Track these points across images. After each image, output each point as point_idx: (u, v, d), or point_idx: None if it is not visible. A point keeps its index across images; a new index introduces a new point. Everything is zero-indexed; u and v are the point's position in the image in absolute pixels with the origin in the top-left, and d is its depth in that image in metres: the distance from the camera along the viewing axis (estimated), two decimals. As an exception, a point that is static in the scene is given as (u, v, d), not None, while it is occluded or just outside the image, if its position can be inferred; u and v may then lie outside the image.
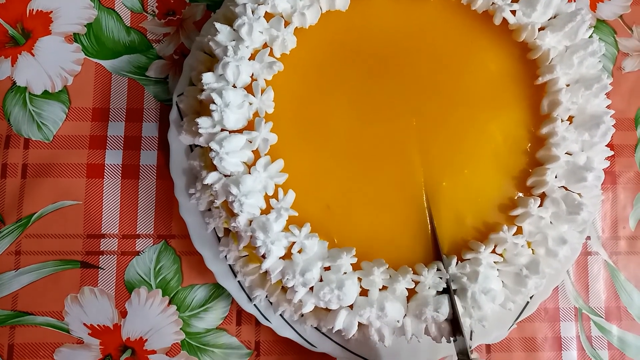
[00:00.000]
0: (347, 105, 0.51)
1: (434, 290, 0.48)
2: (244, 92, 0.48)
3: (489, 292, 0.47)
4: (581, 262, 0.60)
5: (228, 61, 0.48)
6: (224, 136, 0.47)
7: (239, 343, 0.56)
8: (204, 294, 0.57)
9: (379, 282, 0.47)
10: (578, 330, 0.58)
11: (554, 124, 0.49)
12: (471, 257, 0.48)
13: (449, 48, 0.53)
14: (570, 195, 0.48)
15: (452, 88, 0.52)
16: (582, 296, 0.59)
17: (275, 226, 0.46)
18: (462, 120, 0.52)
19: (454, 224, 0.50)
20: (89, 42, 0.60)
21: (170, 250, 0.57)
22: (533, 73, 0.52)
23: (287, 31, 0.50)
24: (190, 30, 0.61)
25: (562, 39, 0.51)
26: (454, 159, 0.51)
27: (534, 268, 0.47)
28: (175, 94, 0.55)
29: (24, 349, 0.55)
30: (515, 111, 0.52)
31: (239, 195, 0.46)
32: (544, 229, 0.48)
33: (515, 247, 0.48)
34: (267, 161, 0.48)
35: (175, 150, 0.55)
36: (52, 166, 0.57)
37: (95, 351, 0.55)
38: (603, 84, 0.49)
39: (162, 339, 0.56)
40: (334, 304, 0.46)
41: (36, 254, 0.56)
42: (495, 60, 0.53)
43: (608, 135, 0.49)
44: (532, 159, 0.51)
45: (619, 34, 0.64)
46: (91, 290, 0.56)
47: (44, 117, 0.58)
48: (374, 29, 0.53)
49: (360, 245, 0.48)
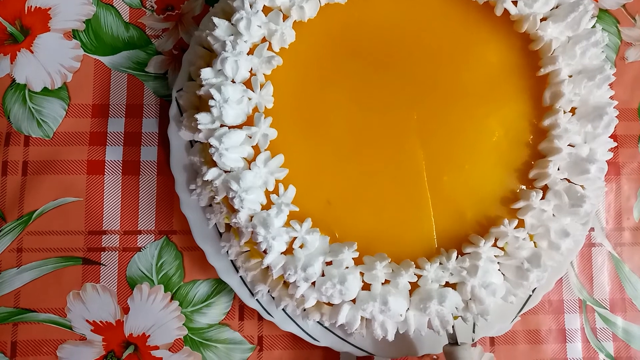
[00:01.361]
0: (347, 99, 0.51)
1: (437, 284, 0.47)
2: (243, 88, 0.48)
3: (489, 286, 0.46)
4: (585, 254, 0.59)
5: (226, 56, 0.47)
6: (224, 132, 0.47)
7: (242, 338, 0.56)
8: (206, 290, 0.57)
9: (382, 276, 0.47)
10: (582, 322, 0.58)
11: (556, 116, 0.48)
12: (471, 251, 0.48)
13: (450, 40, 0.52)
14: (573, 187, 0.48)
15: (453, 81, 0.52)
16: (586, 288, 0.59)
17: (276, 221, 0.46)
18: (463, 113, 0.51)
19: (455, 218, 0.50)
20: (87, 39, 0.60)
21: (172, 246, 0.57)
22: (535, 64, 0.51)
23: (285, 25, 0.49)
24: (189, 25, 0.60)
25: (565, 30, 0.50)
26: (455, 152, 0.51)
27: (535, 261, 0.47)
28: (175, 90, 0.55)
29: (27, 346, 0.55)
30: (517, 103, 0.51)
31: (239, 191, 0.46)
32: (546, 221, 0.48)
33: (516, 240, 0.47)
34: (267, 156, 0.48)
35: (175, 146, 0.55)
36: (52, 163, 0.57)
37: (98, 347, 0.55)
38: (606, 74, 0.49)
39: (165, 334, 0.56)
40: (337, 298, 0.46)
41: (38, 251, 0.56)
42: (497, 52, 0.52)
43: (611, 127, 0.48)
44: (534, 152, 0.50)
45: (622, 24, 0.63)
46: (93, 287, 0.56)
47: (44, 114, 0.58)
48: (374, 21, 0.52)
49: (361, 240, 0.48)
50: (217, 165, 0.47)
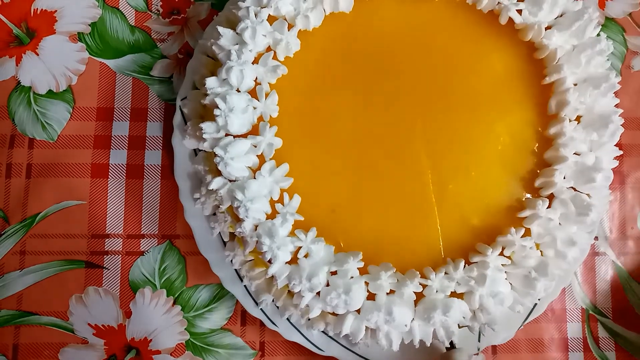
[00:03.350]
0: (352, 108, 0.51)
1: (442, 294, 0.47)
2: (248, 97, 0.48)
3: (497, 295, 0.46)
4: (589, 263, 0.59)
5: (232, 65, 0.47)
6: (229, 141, 0.47)
7: (244, 343, 0.56)
8: (208, 294, 0.56)
9: (386, 286, 0.46)
10: (585, 332, 0.58)
11: (562, 124, 0.48)
12: (478, 260, 0.47)
13: (454, 48, 0.52)
14: (579, 196, 0.48)
15: (457, 89, 0.52)
16: (589, 297, 0.59)
17: (281, 231, 0.46)
18: (468, 121, 0.51)
19: (461, 227, 0.49)
20: (93, 42, 0.60)
21: (175, 251, 0.57)
22: (540, 73, 0.51)
23: (290, 34, 0.49)
24: (195, 29, 0.60)
25: (569, 38, 0.50)
26: (461, 161, 0.50)
27: (542, 270, 0.47)
28: (179, 98, 0.55)
29: (28, 349, 0.55)
30: (522, 112, 0.51)
31: (244, 200, 0.46)
32: (553, 230, 0.48)
33: (523, 249, 0.47)
34: (272, 166, 0.48)
35: (179, 155, 0.54)
36: (56, 166, 0.57)
37: (100, 351, 0.55)
38: (611, 82, 0.49)
39: (167, 339, 0.56)
40: (341, 308, 0.46)
41: (41, 254, 0.56)
42: (502, 60, 0.52)
43: (617, 135, 0.48)
44: (540, 160, 0.50)
45: (628, 32, 0.63)
46: (96, 291, 0.56)
47: (49, 117, 0.58)
48: (379, 30, 0.52)
49: (367, 249, 0.48)
50: (221, 175, 0.47)
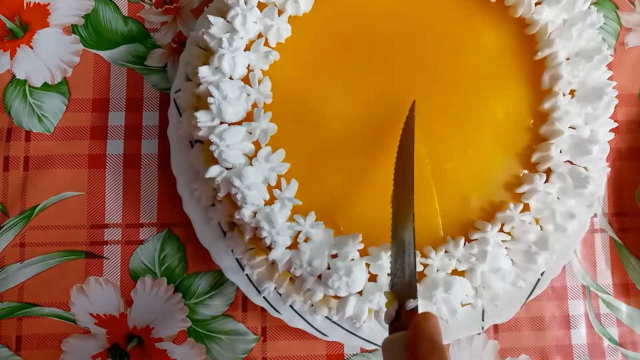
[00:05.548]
0: (346, 90, 0.51)
1: (443, 272, 0.47)
2: (241, 84, 0.48)
3: (498, 271, 0.46)
4: (588, 240, 0.59)
5: (223, 53, 0.47)
6: (224, 129, 0.47)
7: (245, 329, 0.56)
8: (209, 281, 0.57)
9: (387, 266, 0.46)
10: (586, 308, 0.58)
11: (556, 99, 0.48)
12: (479, 237, 0.47)
13: (446, 28, 0.52)
14: (576, 169, 0.48)
15: (450, 69, 0.52)
16: (589, 274, 0.59)
17: (280, 216, 0.46)
18: (462, 100, 0.51)
19: (460, 205, 0.49)
20: (87, 33, 0.60)
21: (174, 238, 0.57)
22: (532, 48, 0.51)
23: (281, 20, 0.49)
24: (188, 18, 0.60)
25: (560, 12, 0.50)
26: (457, 140, 0.50)
27: (543, 244, 0.47)
28: (173, 91, 0.55)
29: (31, 340, 0.55)
30: (516, 88, 0.51)
31: (241, 187, 0.46)
32: (552, 204, 0.48)
33: (523, 224, 0.47)
34: (268, 152, 0.48)
35: (175, 147, 0.55)
36: (53, 158, 0.57)
37: (102, 340, 0.55)
38: (603, 55, 0.49)
39: (169, 326, 0.56)
40: (343, 291, 0.46)
41: (41, 245, 0.56)
42: (493, 37, 0.52)
43: (611, 107, 0.49)
44: (536, 135, 0.50)
45: (621, 9, 0.63)
46: (96, 280, 0.56)
47: (45, 109, 0.58)
48: (369, 12, 0.52)
49: (366, 231, 0.48)
50: (218, 163, 0.47)
